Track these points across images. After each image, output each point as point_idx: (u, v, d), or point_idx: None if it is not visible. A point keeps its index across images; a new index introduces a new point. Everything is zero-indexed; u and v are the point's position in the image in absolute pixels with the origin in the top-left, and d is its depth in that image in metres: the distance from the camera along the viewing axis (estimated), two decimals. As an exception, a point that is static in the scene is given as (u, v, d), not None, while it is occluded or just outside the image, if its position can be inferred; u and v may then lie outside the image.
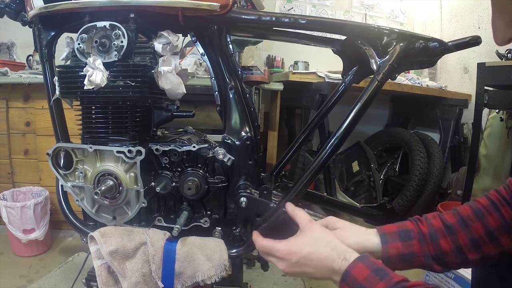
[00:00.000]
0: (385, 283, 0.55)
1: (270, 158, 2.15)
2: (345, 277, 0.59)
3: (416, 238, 0.68)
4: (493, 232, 0.65)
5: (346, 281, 0.59)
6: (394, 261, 0.68)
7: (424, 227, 0.69)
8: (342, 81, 0.99)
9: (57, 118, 0.88)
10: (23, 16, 0.86)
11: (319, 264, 0.63)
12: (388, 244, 0.68)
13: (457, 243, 0.67)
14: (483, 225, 0.66)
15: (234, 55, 0.84)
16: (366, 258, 0.60)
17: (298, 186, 0.79)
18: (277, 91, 2.07)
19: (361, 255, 0.61)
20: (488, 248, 0.66)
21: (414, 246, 0.68)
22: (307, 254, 0.64)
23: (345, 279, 0.59)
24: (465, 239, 0.67)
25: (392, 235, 0.69)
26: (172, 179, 0.82)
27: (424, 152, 2.19)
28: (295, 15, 0.81)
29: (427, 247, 0.68)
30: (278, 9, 2.75)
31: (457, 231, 0.67)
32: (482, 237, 0.66)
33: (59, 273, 1.58)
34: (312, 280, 1.69)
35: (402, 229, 0.70)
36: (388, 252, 0.68)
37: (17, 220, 1.68)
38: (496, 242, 0.65)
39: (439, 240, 0.68)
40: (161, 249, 0.76)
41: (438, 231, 0.68)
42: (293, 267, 0.65)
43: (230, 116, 0.83)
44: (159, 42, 0.80)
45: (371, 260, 0.59)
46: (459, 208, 0.70)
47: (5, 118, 1.93)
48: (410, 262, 0.68)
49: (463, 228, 0.67)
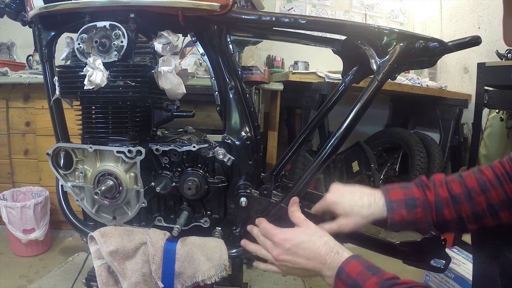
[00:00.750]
0: (378, 278, 0.57)
1: (270, 158, 2.15)
2: (339, 273, 0.61)
3: (421, 207, 0.70)
4: (494, 206, 0.67)
5: (340, 277, 0.61)
6: (396, 226, 0.70)
7: (431, 195, 0.71)
8: (342, 81, 0.99)
9: (57, 118, 0.88)
10: (23, 16, 0.86)
11: (311, 254, 0.64)
12: (393, 211, 0.70)
13: (459, 213, 0.69)
14: (486, 198, 0.68)
15: (234, 55, 0.84)
16: (359, 257, 0.62)
17: (298, 186, 0.79)
18: (277, 91, 2.07)
19: (354, 254, 0.63)
20: (487, 221, 0.68)
21: (418, 214, 0.70)
22: (300, 242, 0.66)
23: (339, 275, 0.61)
24: (467, 211, 0.68)
25: (398, 203, 0.71)
26: (172, 179, 0.82)
27: (424, 152, 2.19)
28: (295, 15, 0.81)
29: (430, 215, 0.70)
30: (278, 9, 2.75)
31: (461, 202, 0.69)
32: (484, 211, 0.68)
33: (59, 273, 1.58)
34: (312, 280, 1.68)
35: (409, 197, 0.71)
36: (393, 218, 0.70)
37: (17, 220, 1.68)
38: (495, 215, 0.67)
39: (443, 209, 0.70)
40: (161, 249, 0.76)
41: (443, 201, 0.70)
42: (285, 254, 0.67)
43: (230, 116, 0.83)
44: (159, 42, 0.80)
45: (363, 258, 0.61)
46: (466, 177, 0.71)
47: (5, 118, 1.94)
48: (411, 226, 0.71)
49: (467, 200, 0.69)
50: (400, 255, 0.88)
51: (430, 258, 0.86)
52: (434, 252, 0.86)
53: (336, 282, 0.61)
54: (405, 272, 0.80)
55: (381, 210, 0.71)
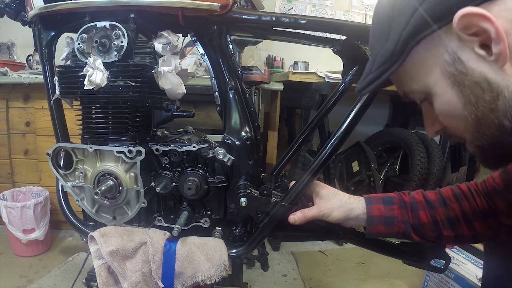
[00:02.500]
0: None
1: (270, 158, 2.15)
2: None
3: (397, 204, 0.76)
4: (468, 214, 0.72)
5: None
6: (376, 223, 0.75)
7: (406, 197, 0.77)
8: (342, 81, 0.99)
9: (57, 118, 0.88)
10: (23, 16, 0.86)
11: None
12: (371, 205, 0.76)
13: (435, 218, 0.74)
14: (459, 206, 0.74)
15: (234, 55, 0.84)
16: None
17: (298, 186, 0.79)
18: (277, 91, 2.08)
19: None
20: (462, 229, 0.73)
21: (395, 211, 0.75)
22: None
23: None
24: (442, 216, 0.74)
25: (376, 199, 0.77)
26: (172, 179, 0.82)
27: (424, 152, 2.19)
28: (295, 15, 0.81)
29: (406, 214, 0.75)
30: (278, 9, 2.75)
31: (436, 207, 0.75)
32: (458, 218, 0.73)
33: (59, 273, 1.58)
34: (312, 280, 1.69)
35: (386, 196, 0.78)
36: (371, 212, 0.75)
37: (17, 220, 1.68)
38: (470, 224, 0.72)
39: (418, 211, 0.75)
40: (161, 249, 0.76)
41: (418, 203, 0.76)
42: None
43: (230, 116, 0.83)
44: (159, 42, 0.80)
45: None
46: (442, 189, 0.78)
47: (5, 118, 1.94)
48: (391, 226, 0.75)
49: (442, 205, 0.75)
50: (400, 255, 0.88)
51: (430, 258, 0.86)
52: (434, 252, 0.86)
53: None
54: (405, 272, 0.80)
55: (359, 202, 0.77)
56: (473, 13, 0.40)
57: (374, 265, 1.82)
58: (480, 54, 0.43)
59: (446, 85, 0.47)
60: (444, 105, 0.49)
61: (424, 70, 0.49)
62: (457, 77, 0.46)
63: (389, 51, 0.48)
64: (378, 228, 0.75)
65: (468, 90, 0.45)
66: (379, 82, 0.51)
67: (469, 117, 0.47)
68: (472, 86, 0.45)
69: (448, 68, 0.46)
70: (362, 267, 1.82)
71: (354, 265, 1.84)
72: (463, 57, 0.44)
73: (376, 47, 0.52)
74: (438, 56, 0.46)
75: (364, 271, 1.78)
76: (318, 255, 1.96)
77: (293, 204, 0.78)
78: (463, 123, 0.49)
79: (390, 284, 1.64)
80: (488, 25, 0.40)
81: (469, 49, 0.44)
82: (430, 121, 0.57)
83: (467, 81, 0.45)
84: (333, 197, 0.77)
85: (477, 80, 0.44)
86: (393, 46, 0.48)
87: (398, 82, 0.56)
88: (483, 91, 0.44)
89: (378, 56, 0.51)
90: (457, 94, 0.47)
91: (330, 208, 0.75)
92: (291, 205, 0.78)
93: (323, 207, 0.75)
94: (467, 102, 0.46)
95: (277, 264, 1.84)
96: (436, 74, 0.48)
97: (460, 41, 0.44)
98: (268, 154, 2.16)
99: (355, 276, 1.74)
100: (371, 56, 0.55)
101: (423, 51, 0.47)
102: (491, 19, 0.40)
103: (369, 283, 1.67)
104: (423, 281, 1.44)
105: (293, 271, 1.77)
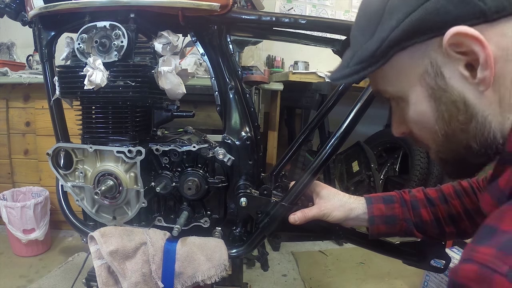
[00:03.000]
0: None
1: (270, 158, 2.15)
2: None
3: (398, 203, 0.76)
4: (470, 211, 0.72)
5: None
6: (378, 222, 0.75)
7: (407, 195, 0.77)
8: (342, 81, 0.99)
9: (57, 118, 0.88)
10: (23, 16, 0.86)
11: None
12: (372, 204, 0.76)
13: (436, 215, 0.74)
14: (461, 203, 0.73)
15: (234, 55, 0.84)
16: None
17: (298, 186, 0.79)
18: (277, 91, 2.08)
19: None
20: (464, 225, 0.73)
21: (396, 209, 0.75)
22: None
23: None
24: (444, 213, 0.74)
25: (376, 198, 0.77)
26: (172, 179, 0.82)
27: (424, 152, 2.19)
28: (295, 15, 0.81)
29: (408, 212, 0.75)
30: (278, 9, 2.75)
31: (437, 204, 0.74)
32: (460, 214, 0.72)
33: (59, 273, 1.58)
34: (312, 280, 1.69)
35: (386, 195, 0.78)
36: (372, 212, 0.75)
37: (17, 220, 1.68)
38: (472, 220, 0.72)
39: (419, 208, 0.75)
40: (161, 249, 0.76)
41: (419, 201, 0.76)
42: None
43: (230, 116, 0.83)
44: (159, 42, 0.80)
45: None
46: (443, 186, 0.78)
47: (5, 118, 1.94)
48: (393, 225, 0.75)
49: (443, 202, 0.74)
50: (400, 255, 0.88)
51: (430, 258, 0.86)
52: (434, 252, 0.86)
53: None
54: (405, 272, 0.80)
55: (359, 202, 0.77)
56: (467, 34, 0.39)
57: (374, 265, 1.82)
58: (463, 74, 0.42)
59: (422, 96, 0.47)
60: (416, 114, 0.49)
61: (404, 76, 0.48)
62: (435, 92, 0.45)
63: (371, 50, 0.47)
64: (380, 228, 0.75)
65: (443, 107, 0.45)
66: (354, 78, 0.50)
67: (439, 132, 0.47)
68: (448, 104, 0.44)
69: (428, 80, 0.45)
70: (362, 267, 1.82)
71: (354, 265, 1.84)
72: (446, 73, 0.43)
73: (358, 39, 0.50)
74: (421, 66, 0.45)
75: (364, 271, 1.78)
76: (318, 255, 1.96)
77: (293, 204, 0.78)
78: (431, 135, 0.49)
79: (390, 284, 1.64)
80: (479, 49, 0.39)
81: (453, 67, 0.43)
82: (398, 121, 0.56)
83: (445, 98, 0.44)
84: (334, 197, 0.77)
85: (455, 99, 0.44)
86: (376, 46, 0.46)
87: (373, 79, 0.55)
88: (458, 111, 0.44)
89: (359, 52, 0.49)
90: (431, 107, 0.46)
91: (330, 208, 0.75)
92: (291, 205, 0.78)
93: (324, 207, 0.75)
94: (440, 117, 0.46)
95: (277, 264, 1.84)
96: (415, 83, 0.47)
97: (446, 57, 0.43)
98: (268, 154, 2.16)
99: (355, 276, 1.74)
100: (351, 47, 0.52)
101: (406, 58, 0.46)
102: (484, 44, 0.39)
103: (369, 283, 1.67)
104: (423, 281, 1.44)
105: (293, 271, 1.77)
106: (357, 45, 0.50)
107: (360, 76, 0.49)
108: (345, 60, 0.52)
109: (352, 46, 0.52)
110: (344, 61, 0.52)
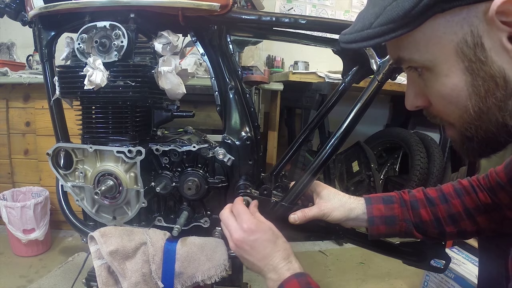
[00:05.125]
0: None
1: (270, 158, 2.15)
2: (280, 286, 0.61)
3: (398, 203, 0.75)
4: (470, 210, 0.71)
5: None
6: (378, 223, 0.74)
7: (406, 196, 0.77)
8: (342, 81, 0.99)
9: (57, 118, 0.88)
10: (23, 16, 0.86)
11: (268, 256, 0.65)
12: (371, 205, 0.75)
13: (436, 215, 0.73)
14: (461, 202, 0.72)
15: (234, 55, 0.84)
16: (303, 277, 0.61)
17: (298, 186, 0.79)
18: (277, 91, 2.07)
19: (298, 273, 0.62)
20: (464, 224, 0.72)
21: (395, 210, 0.74)
22: (265, 240, 0.66)
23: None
24: (443, 213, 0.73)
25: (376, 199, 0.76)
26: (172, 179, 0.82)
27: (424, 152, 2.19)
28: (295, 15, 0.81)
29: (407, 213, 0.74)
30: (278, 9, 2.75)
31: (437, 204, 0.74)
32: (460, 213, 0.72)
33: (59, 273, 1.58)
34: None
35: (386, 195, 0.77)
36: (371, 212, 0.74)
37: (17, 220, 1.68)
38: (472, 219, 0.71)
39: (419, 209, 0.74)
40: (161, 249, 0.76)
41: (419, 201, 0.75)
42: (245, 243, 0.67)
43: (230, 116, 0.83)
44: (159, 42, 0.80)
45: (307, 280, 0.60)
46: (443, 186, 0.77)
47: (5, 118, 1.94)
48: (393, 226, 0.74)
49: (443, 202, 0.74)
50: (400, 255, 0.88)
51: (430, 258, 0.87)
52: (434, 252, 0.86)
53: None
54: (405, 272, 0.80)
55: (358, 202, 0.76)
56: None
57: (374, 265, 1.82)
58: (506, 47, 0.38)
59: (457, 68, 0.42)
60: (446, 87, 0.44)
61: (437, 44, 0.42)
62: (473, 64, 0.41)
63: (404, 9, 0.39)
64: (380, 228, 0.74)
65: (480, 81, 0.41)
66: (378, 41, 0.42)
67: (471, 108, 0.43)
68: (486, 78, 0.40)
69: (466, 51, 0.40)
70: (362, 267, 1.82)
71: (354, 265, 1.84)
72: (487, 44, 0.39)
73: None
74: (459, 34, 0.40)
75: (364, 271, 1.78)
76: (318, 255, 1.96)
77: (293, 204, 0.79)
78: (459, 111, 0.45)
79: (390, 284, 1.64)
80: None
81: (496, 38, 0.38)
82: (413, 93, 0.51)
83: (483, 72, 0.40)
84: (334, 197, 0.77)
85: (494, 74, 0.40)
86: (412, 4, 0.39)
87: (395, 45, 0.47)
88: (496, 87, 0.40)
89: (387, 10, 0.41)
90: (466, 81, 0.42)
91: (330, 208, 0.75)
92: (291, 205, 0.78)
93: (324, 206, 0.75)
94: (475, 93, 0.42)
95: (277, 264, 1.83)
96: (449, 53, 0.41)
97: (490, 26, 0.38)
98: (268, 154, 2.16)
99: (355, 276, 1.74)
100: (372, 5, 0.44)
101: (444, 22, 0.40)
102: None
103: (369, 283, 1.67)
104: (423, 281, 1.44)
105: (293, 271, 1.77)
106: (383, 2, 0.42)
107: (386, 38, 0.42)
108: (366, 19, 0.44)
109: (374, 3, 0.44)
110: (364, 21, 0.44)
